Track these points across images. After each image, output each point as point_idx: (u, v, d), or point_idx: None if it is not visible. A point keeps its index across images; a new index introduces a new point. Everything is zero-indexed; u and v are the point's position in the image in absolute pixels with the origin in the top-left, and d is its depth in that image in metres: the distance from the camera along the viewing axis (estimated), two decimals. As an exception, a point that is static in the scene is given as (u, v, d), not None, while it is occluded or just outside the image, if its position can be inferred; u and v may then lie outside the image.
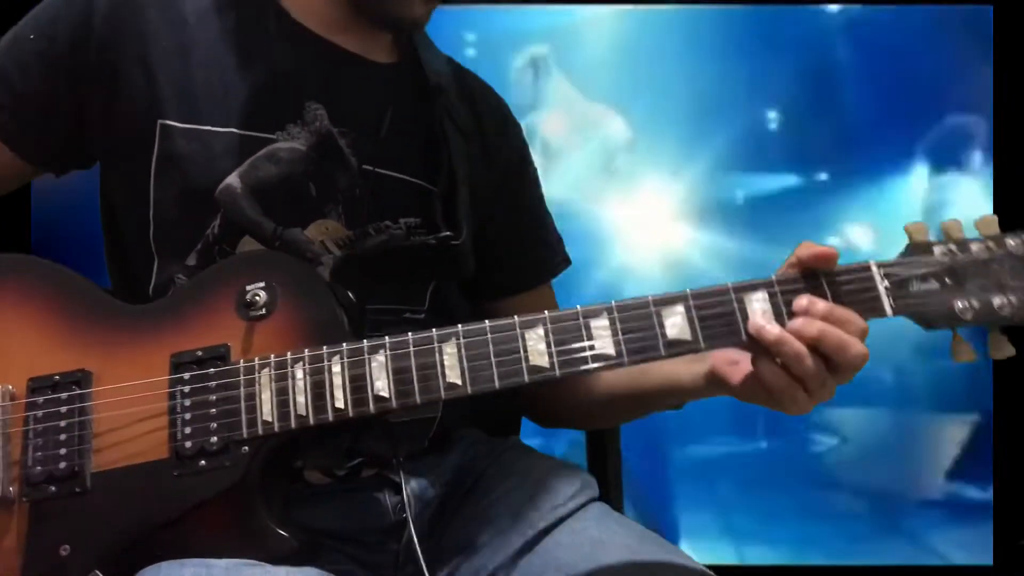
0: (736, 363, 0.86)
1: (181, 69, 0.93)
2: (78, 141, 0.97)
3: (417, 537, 0.88)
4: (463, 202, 0.99)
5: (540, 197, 1.15)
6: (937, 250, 0.84)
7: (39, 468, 0.82)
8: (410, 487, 0.93)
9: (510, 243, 1.10)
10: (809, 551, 2.14)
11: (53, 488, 0.82)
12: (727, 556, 2.14)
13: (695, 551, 0.98)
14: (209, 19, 0.95)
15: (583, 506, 0.96)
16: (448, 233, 0.96)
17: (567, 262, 1.15)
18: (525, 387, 0.92)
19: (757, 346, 0.81)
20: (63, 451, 0.82)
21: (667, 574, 0.87)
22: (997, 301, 0.83)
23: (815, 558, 2.13)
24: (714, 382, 0.89)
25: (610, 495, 1.08)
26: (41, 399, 0.84)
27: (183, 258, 0.92)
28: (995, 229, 0.86)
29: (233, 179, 0.92)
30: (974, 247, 0.84)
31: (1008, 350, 0.84)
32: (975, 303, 0.83)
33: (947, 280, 0.83)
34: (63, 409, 0.84)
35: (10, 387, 0.85)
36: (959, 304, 0.83)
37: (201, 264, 0.92)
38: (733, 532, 2.15)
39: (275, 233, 0.92)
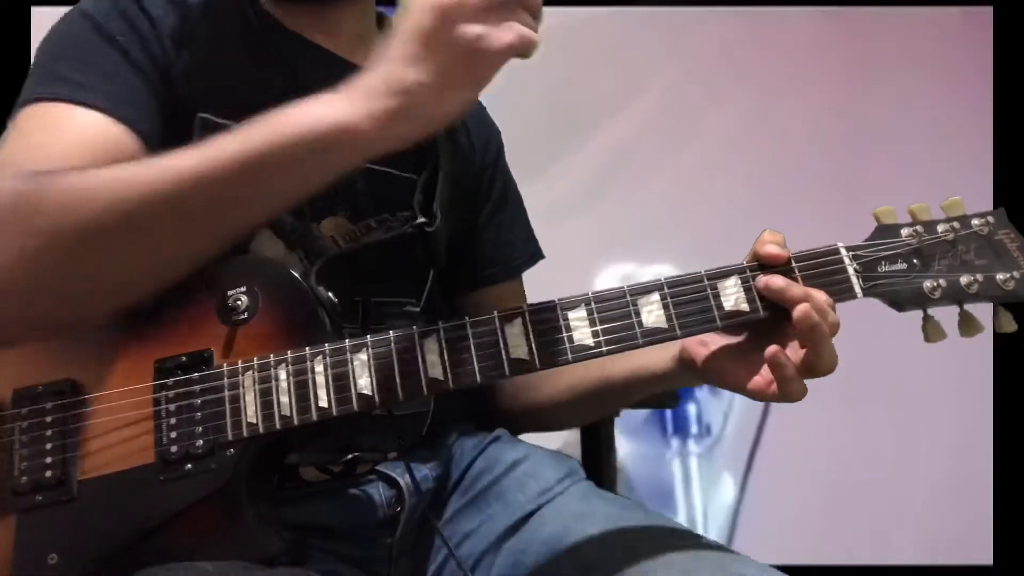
0: (704, 344, 0.88)
1: (212, 67, 0.95)
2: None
3: (409, 530, 0.89)
4: (442, 193, 1.02)
5: (513, 196, 1.19)
6: (904, 232, 0.86)
7: (25, 478, 0.82)
8: (404, 480, 0.94)
9: (479, 240, 1.14)
10: (809, 550, 2.14)
11: (40, 497, 0.82)
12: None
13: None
14: (224, 23, 0.98)
15: (568, 489, 0.98)
16: (423, 220, 0.98)
17: (534, 259, 1.18)
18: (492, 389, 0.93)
19: (732, 330, 0.84)
20: (49, 460, 0.83)
21: (649, 535, 0.89)
22: (964, 279, 0.85)
23: (815, 557, 2.12)
24: (684, 365, 0.90)
25: (604, 485, 1.09)
26: (25, 410, 0.84)
27: None
28: (961, 211, 0.88)
29: None
30: (940, 228, 0.87)
31: (978, 328, 0.86)
32: (943, 282, 0.85)
33: (915, 261, 0.85)
34: (48, 419, 0.84)
35: (-6, 399, 0.85)
36: (928, 284, 0.85)
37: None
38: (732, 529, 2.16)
39: (292, 228, 0.94)
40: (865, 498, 2.13)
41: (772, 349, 0.81)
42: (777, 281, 0.82)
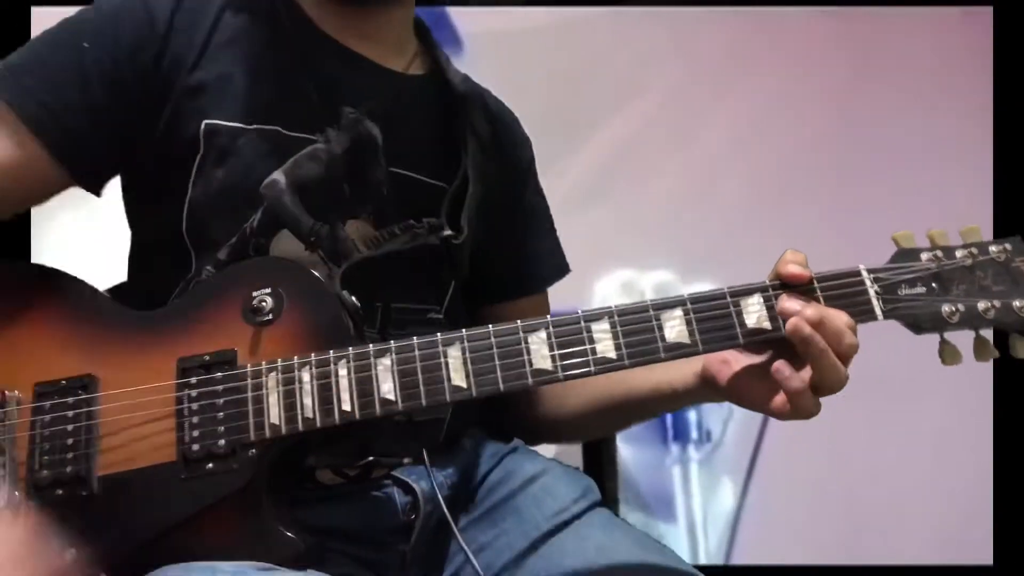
0: (727, 363, 0.89)
1: (228, 73, 0.95)
2: (124, 153, 0.96)
3: (423, 537, 0.89)
4: (471, 204, 1.02)
5: (544, 209, 1.19)
6: (924, 256, 0.88)
7: (46, 472, 0.83)
8: (420, 486, 0.94)
9: (508, 252, 1.14)
10: (809, 550, 2.14)
11: (60, 491, 0.82)
12: (724, 555, 2.16)
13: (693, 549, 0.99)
14: (249, 27, 0.98)
15: (587, 511, 0.98)
16: (450, 232, 0.99)
17: (561, 272, 1.18)
18: (514, 400, 0.94)
19: (755, 348, 0.85)
20: (70, 455, 0.83)
21: None
22: (982, 305, 0.86)
23: (816, 557, 2.12)
24: (706, 382, 0.91)
25: (606, 494, 1.09)
26: (48, 404, 0.85)
27: (215, 251, 0.94)
28: (978, 237, 0.90)
29: (278, 174, 0.94)
30: (959, 253, 0.88)
31: (992, 352, 0.87)
32: (961, 307, 0.86)
33: (934, 285, 0.87)
34: (70, 413, 0.84)
35: (17, 392, 0.85)
36: (946, 308, 0.86)
37: (232, 258, 0.93)
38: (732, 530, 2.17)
39: (312, 229, 0.94)
40: (865, 499, 2.13)
41: (777, 363, 0.83)
42: (792, 305, 0.83)
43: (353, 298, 0.90)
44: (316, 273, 0.90)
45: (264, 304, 0.87)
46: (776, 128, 2.23)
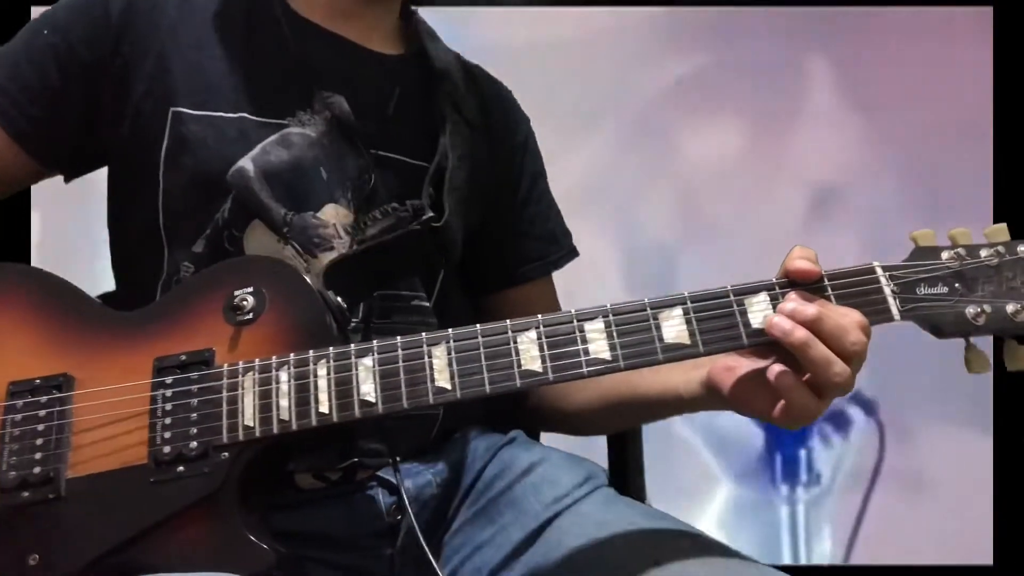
0: (731, 369, 0.83)
1: (194, 59, 0.94)
2: (89, 140, 0.96)
3: (411, 541, 0.85)
4: (454, 186, 0.98)
5: (544, 189, 1.14)
6: (944, 255, 0.82)
7: (13, 473, 0.79)
8: (406, 487, 0.89)
9: (509, 235, 1.10)
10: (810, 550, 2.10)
11: (26, 494, 0.79)
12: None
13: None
14: (220, 11, 0.97)
15: (588, 495, 0.93)
16: (430, 215, 0.95)
17: (570, 255, 1.13)
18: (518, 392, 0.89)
19: (760, 349, 0.79)
20: (39, 456, 0.80)
21: (670, 542, 0.84)
22: (1011, 307, 0.80)
23: (816, 558, 2.09)
24: (710, 391, 0.86)
25: (631, 490, 1.04)
26: (20, 403, 0.82)
27: (191, 245, 0.92)
28: (1004, 237, 0.83)
29: (245, 162, 0.91)
30: (983, 252, 0.82)
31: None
32: (988, 308, 0.79)
33: (956, 285, 0.80)
34: (42, 413, 0.81)
35: (-11, 391, 0.83)
36: (971, 309, 0.79)
37: (208, 251, 0.91)
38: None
39: (285, 218, 0.92)
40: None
41: (773, 364, 0.78)
42: (786, 305, 0.77)
43: (339, 299, 0.87)
44: (301, 273, 0.87)
45: (245, 303, 0.84)
46: (773, 127, 2.20)
